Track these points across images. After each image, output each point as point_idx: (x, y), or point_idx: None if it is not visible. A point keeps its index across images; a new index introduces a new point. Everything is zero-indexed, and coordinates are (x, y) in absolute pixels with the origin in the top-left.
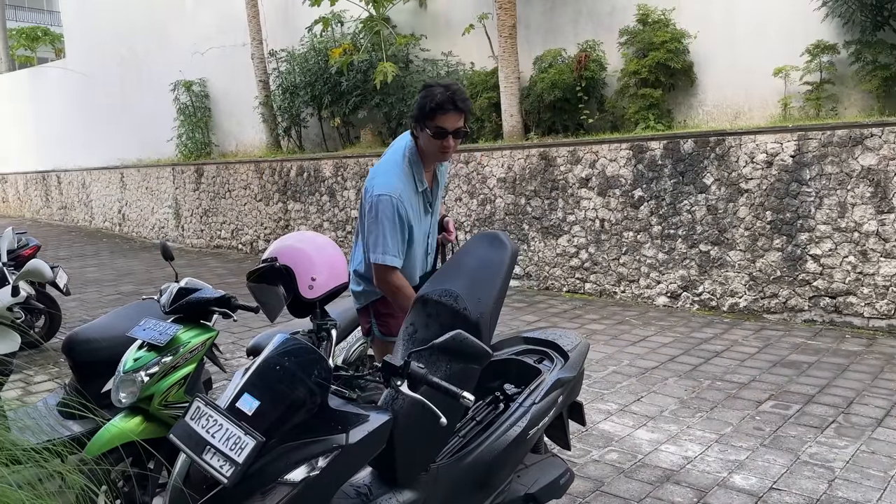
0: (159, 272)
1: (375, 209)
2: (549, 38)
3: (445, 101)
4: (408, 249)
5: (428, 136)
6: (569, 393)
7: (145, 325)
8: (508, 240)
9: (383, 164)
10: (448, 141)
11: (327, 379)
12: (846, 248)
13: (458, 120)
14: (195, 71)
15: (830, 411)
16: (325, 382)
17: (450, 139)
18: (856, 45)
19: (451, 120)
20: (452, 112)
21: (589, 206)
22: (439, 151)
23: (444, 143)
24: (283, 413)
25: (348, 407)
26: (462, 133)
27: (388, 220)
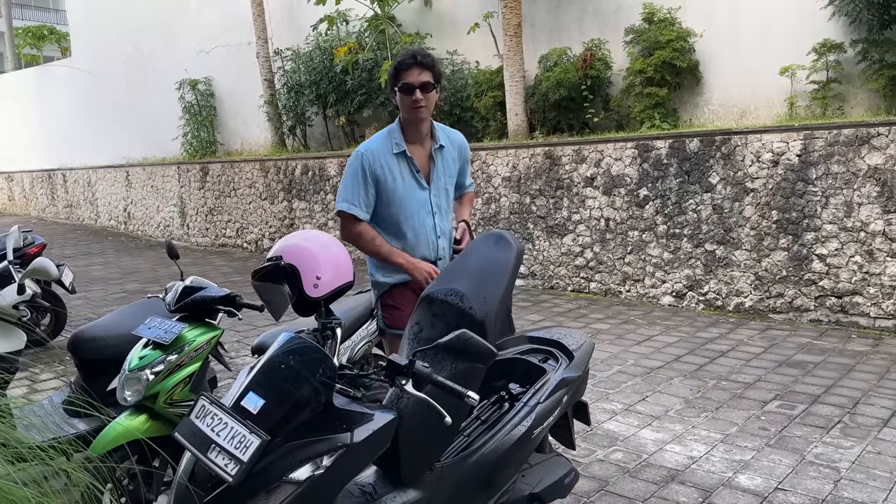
0: (164, 270)
1: (347, 167)
2: (555, 36)
3: (407, 58)
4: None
5: (400, 95)
6: (574, 392)
7: (150, 323)
8: (514, 239)
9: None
10: (416, 94)
11: (332, 378)
12: (852, 248)
13: (423, 74)
14: (200, 70)
15: (836, 412)
16: (329, 381)
17: (417, 93)
18: (863, 44)
19: (415, 74)
20: (415, 66)
21: (594, 206)
22: (411, 108)
23: (413, 98)
24: (288, 411)
25: (353, 406)
26: (430, 87)
27: (351, 170)
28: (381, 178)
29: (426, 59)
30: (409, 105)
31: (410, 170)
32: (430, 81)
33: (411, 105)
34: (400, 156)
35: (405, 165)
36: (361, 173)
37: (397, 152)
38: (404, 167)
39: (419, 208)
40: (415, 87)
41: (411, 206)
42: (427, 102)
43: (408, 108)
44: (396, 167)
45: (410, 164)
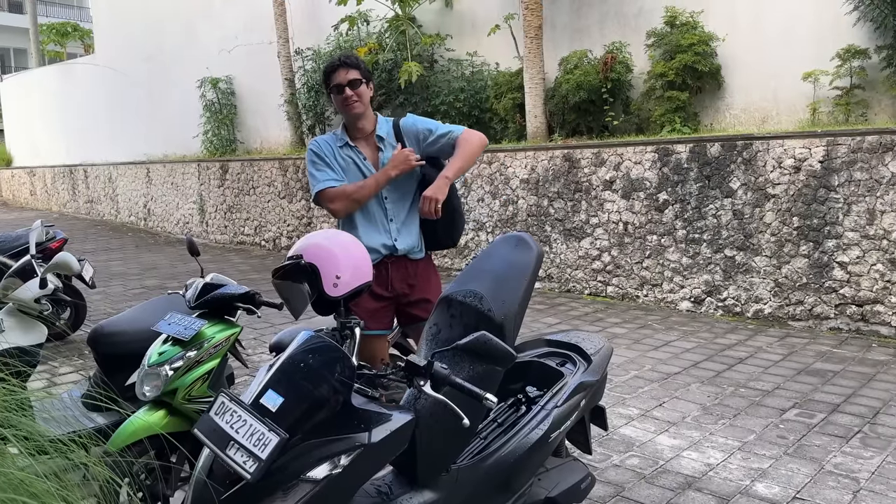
0: (183, 267)
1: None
2: (576, 39)
3: (333, 62)
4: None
5: (334, 98)
6: (591, 397)
7: (171, 319)
8: (534, 242)
9: None
10: (345, 92)
11: (351, 377)
12: (874, 256)
13: (349, 73)
14: (222, 68)
15: (856, 421)
16: (348, 381)
17: (346, 90)
18: (888, 50)
19: (341, 74)
20: (340, 68)
21: (612, 209)
22: (344, 106)
23: (344, 96)
24: (306, 410)
25: (371, 406)
26: (358, 83)
27: (308, 162)
28: (330, 161)
29: (349, 59)
30: (342, 103)
31: (356, 158)
32: (358, 78)
33: (343, 103)
34: (345, 147)
35: (352, 154)
36: (317, 157)
37: (341, 144)
38: (351, 156)
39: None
40: (343, 85)
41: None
42: (359, 97)
43: (342, 106)
44: (343, 157)
45: (356, 153)
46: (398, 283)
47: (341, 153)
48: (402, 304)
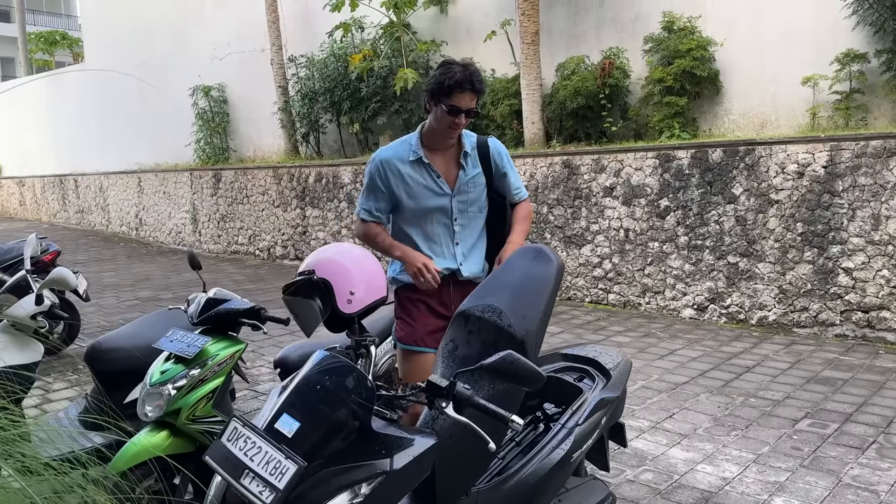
0: (177, 277)
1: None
2: (573, 44)
3: (464, 81)
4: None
5: (442, 111)
6: (612, 413)
7: (172, 336)
8: (554, 254)
9: None
10: (460, 119)
11: (370, 399)
12: (880, 262)
13: (473, 100)
14: (214, 76)
15: (870, 431)
16: (368, 403)
17: (462, 117)
18: (887, 54)
19: (466, 99)
20: (469, 92)
21: (613, 216)
22: (449, 128)
23: (456, 121)
24: (324, 435)
25: (391, 429)
26: (474, 113)
27: (366, 176)
28: (393, 185)
29: (480, 86)
30: (449, 125)
31: (430, 175)
32: (475, 108)
33: (451, 126)
34: (416, 162)
35: (422, 171)
36: (370, 180)
37: (413, 159)
38: (420, 173)
39: (434, 213)
40: (462, 111)
41: (426, 212)
42: (464, 125)
43: (446, 127)
44: (410, 174)
45: (429, 170)
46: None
47: (410, 171)
48: None
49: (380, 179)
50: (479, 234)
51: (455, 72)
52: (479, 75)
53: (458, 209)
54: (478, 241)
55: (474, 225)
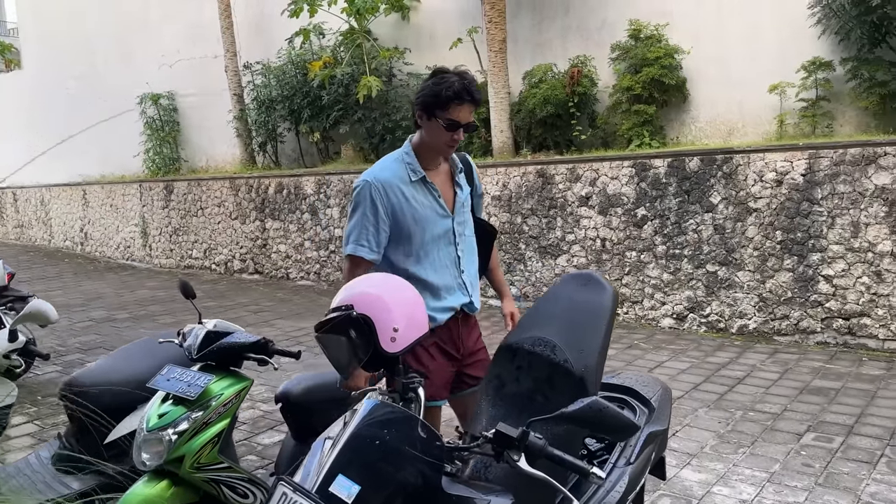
0: (130, 296)
1: (351, 200)
2: (538, 53)
3: (462, 92)
4: (417, 251)
5: (439, 126)
6: (659, 448)
7: (169, 374)
8: (606, 280)
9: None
10: (459, 134)
11: (440, 456)
12: (860, 269)
13: (471, 112)
14: (163, 84)
15: (876, 444)
16: (438, 461)
17: (460, 132)
18: (853, 62)
19: (465, 112)
20: (468, 104)
21: (589, 226)
22: (447, 144)
23: (455, 136)
24: (390, 499)
25: (462, 489)
26: (473, 127)
27: (359, 204)
28: (398, 211)
29: (479, 96)
30: (447, 141)
31: (433, 196)
32: (473, 122)
33: (449, 142)
34: (419, 182)
35: (426, 193)
36: (371, 206)
37: (416, 179)
38: (424, 195)
39: (440, 239)
40: (461, 125)
41: (431, 238)
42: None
43: (443, 142)
44: (414, 196)
45: (432, 191)
46: (469, 341)
47: (414, 193)
48: (462, 366)
49: (382, 206)
50: (476, 262)
51: (452, 82)
52: (476, 84)
53: (458, 232)
54: (474, 266)
55: (471, 251)
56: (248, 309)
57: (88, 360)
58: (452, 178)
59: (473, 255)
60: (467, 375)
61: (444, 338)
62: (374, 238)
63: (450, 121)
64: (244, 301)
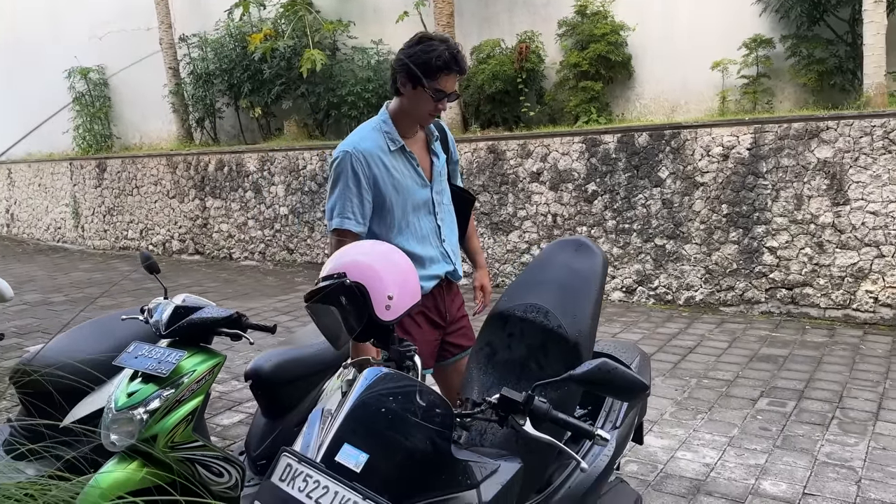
0: (64, 278)
1: (331, 172)
2: (485, 27)
3: (451, 62)
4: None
5: (425, 96)
6: (640, 412)
7: (137, 351)
8: (596, 245)
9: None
10: (443, 104)
11: (449, 424)
12: (802, 240)
13: (456, 82)
14: (93, 57)
15: (826, 407)
16: (446, 428)
17: (444, 102)
18: (792, 40)
19: (452, 81)
20: (456, 73)
21: (541, 201)
22: (430, 114)
23: (440, 106)
24: (399, 468)
25: (470, 454)
26: (455, 96)
27: (339, 175)
28: (381, 181)
29: (466, 66)
30: (430, 110)
31: (411, 165)
32: (456, 90)
33: (432, 111)
34: (398, 152)
35: (405, 162)
36: (353, 177)
37: (395, 149)
38: (404, 164)
39: (420, 209)
40: (446, 95)
41: (412, 208)
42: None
43: (425, 111)
44: (394, 166)
45: (411, 160)
46: (453, 308)
47: (394, 162)
48: (446, 334)
49: (364, 176)
50: (456, 230)
51: (441, 51)
52: (462, 54)
53: (437, 201)
54: (454, 234)
55: (450, 220)
56: (190, 290)
57: (27, 345)
58: (428, 146)
59: (453, 224)
60: (450, 344)
61: (429, 306)
62: (359, 210)
63: (437, 90)
64: (186, 282)
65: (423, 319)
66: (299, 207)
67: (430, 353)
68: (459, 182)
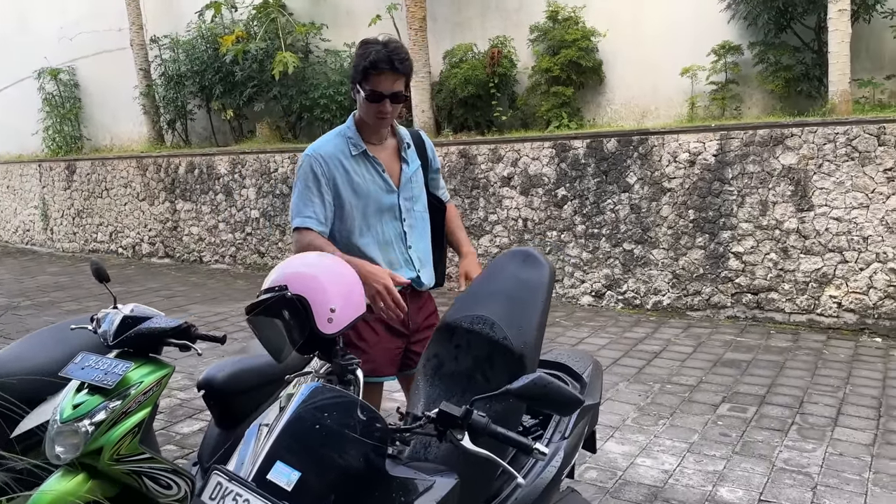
0: (31, 282)
1: (296, 177)
2: (457, 32)
3: (380, 61)
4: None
5: (362, 98)
6: (590, 422)
7: (84, 362)
8: (544, 257)
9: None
10: (384, 105)
11: (383, 439)
12: (768, 246)
13: (396, 82)
14: (63, 57)
15: (786, 412)
16: (381, 443)
17: (386, 103)
18: (760, 47)
19: (388, 81)
20: (389, 72)
21: (511, 206)
22: (375, 116)
23: (380, 108)
24: (332, 486)
25: (406, 470)
26: (401, 97)
27: (301, 178)
28: (340, 184)
29: (403, 66)
30: (374, 113)
31: (376, 170)
32: (402, 92)
33: (376, 114)
34: (360, 157)
35: (368, 166)
36: (313, 179)
37: (356, 153)
38: (367, 169)
39: (384, 213)
40: (385, 96)
41: (374, 212)
42: (394, 112)
43: (373, 116)
44: (355, 170)
45: (375, 164)
46: (418, 317)
47: (355, 166)
48: (410, 343)
49: (324, 178)
50: (428, 238)
51: (371, 51)
52: (401, 52)
53: (405, 207)
54: (426, 243)
55: (421, 227)
56: (159, 294)
57: None
58: (399, 152)
59: (424, 231)
60: (415, 353)
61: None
62: (320, 209)
63: (370, 91)
64: (154, 286)
65: (382, 327)
66: (270, 210)
67: (389, 360)
68: (441, 191)
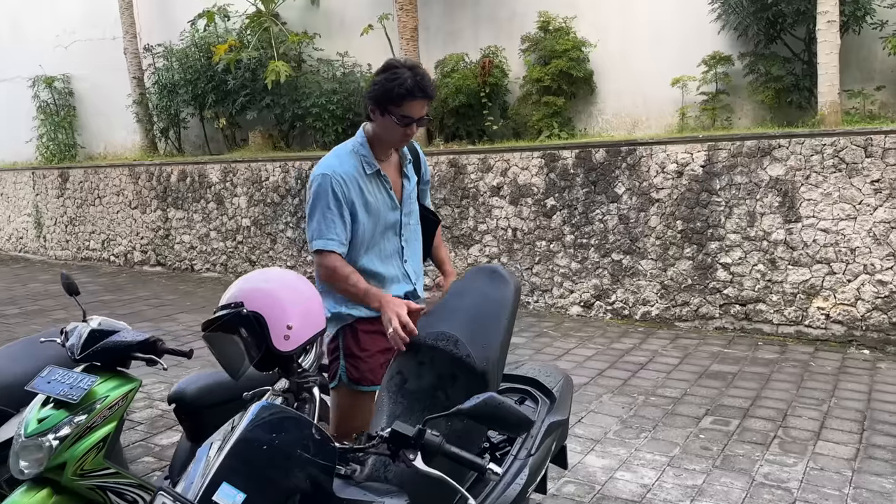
0: (21, 289)
1: (310, 194)
2: (449, 42)
3: (415, 89)
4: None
5: (392, 122)
6: (559, 437)
7: (50, 376)
8: (510, 274)
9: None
10: (412, 129)
11: (331, 459)
12: (755, 257)
13: (424, 107)
14: (58, 66)
15: (769, 426)
16: (328, 464)
17: (414, 127)
18: (750, 57)
19: (419, 107)
20: (421, 99)
21: (501, 215)
22: (400, 139)
23: (408, 132)
24: None
25: (355, 492)
26: (426, 121)
27: (320, 198)
28: (357, 204)
29: (433, 92)
30: (400, 135)
31: (384, 188)
32: (427, 115)
33: (402, 136)
34: (374, 176)
35: (379, 185)
36: (334, 200)
37: (370, 172)
38: (378, 188)
39: (388, 230)
40: (414, 120)
41: (381, 229)
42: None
43: (396, 136)
44: (369, 189)
45: (384, 183)
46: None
47: (369, 185)
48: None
49: (344, 199)
50: (420, 251)
51: (405, 78)
52: (428, 78)
53: (404, 223)
54: (418, 257)
55: (415, 241)
56: (148, 302)
57: None
58: (401, 168)
59: (417, 245)
60: None
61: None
62: (342, 231)
63: (403, 117)
64: (144, 294)
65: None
66: (261, 219)
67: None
68: (428, 202)
